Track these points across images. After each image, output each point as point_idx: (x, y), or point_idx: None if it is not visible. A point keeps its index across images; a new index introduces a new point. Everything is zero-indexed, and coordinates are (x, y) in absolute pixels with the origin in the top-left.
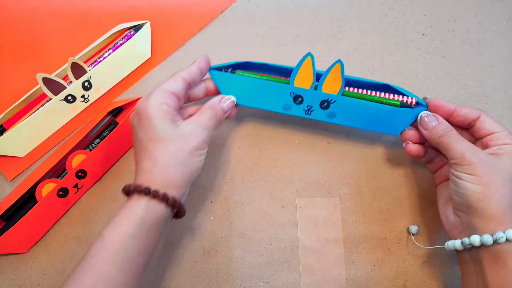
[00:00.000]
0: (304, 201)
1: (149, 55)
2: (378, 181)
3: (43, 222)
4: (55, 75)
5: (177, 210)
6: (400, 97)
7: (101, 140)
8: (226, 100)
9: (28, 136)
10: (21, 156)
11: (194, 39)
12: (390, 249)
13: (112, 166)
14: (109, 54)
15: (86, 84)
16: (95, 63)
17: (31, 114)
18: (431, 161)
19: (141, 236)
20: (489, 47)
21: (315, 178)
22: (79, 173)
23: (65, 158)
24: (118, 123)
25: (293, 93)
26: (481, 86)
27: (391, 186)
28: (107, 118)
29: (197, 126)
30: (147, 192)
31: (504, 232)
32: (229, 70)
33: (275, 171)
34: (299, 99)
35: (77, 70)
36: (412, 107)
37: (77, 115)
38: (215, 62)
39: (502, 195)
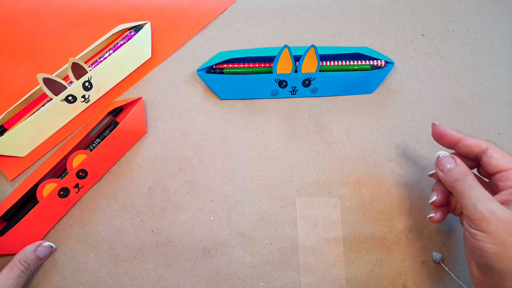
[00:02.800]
0: (304, 201)
1: (150, 55)
2: (378, 181)
3: (44, 222)
4: (55, 76)
5: None
6: (371, 62)
7: (102, 140)
8: (42, 248)
9: (28, 136)
10: (22, 156)
11: (194, 39)
12: (389, 249)
13: (113, 166)
14: (109, 55)
15: (86, 84)
16: (95, 64)
17: (32, 114)
18: (454, 208)
19: None
20: (489, 47)
21: (315, 178)
22: (80, 173)
23: (65, 158)
24: (118, 123)
25: (277, 79)
26: (481, 86)
27: (391, 186)
28: (108, 118)
29: None
30: None
31: None
32: (217, 70)
33: (275, 171)
34: (284, 83)
35: (78, 71)
36: (381, 68)
37: (77, 115)
38: None
39: None
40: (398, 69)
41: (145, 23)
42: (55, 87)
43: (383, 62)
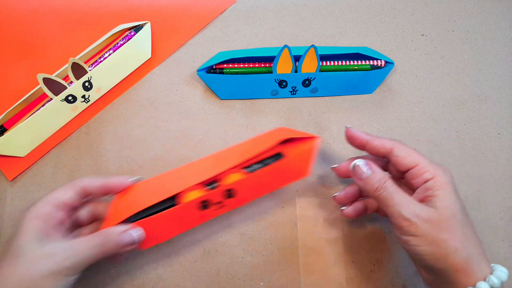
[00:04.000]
0: (304, 201)
1: (150, 55)
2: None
3: (171, 228)
4: (55, 76)
5: None
6: (371, 61)
7: (262, 166)
8: (130, 233)
9: (28, 136)
10: (22, 156)
11: (194, 39)
12: (390, 249)
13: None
14: (109, 55)
15: (86, 84)
16: (95, 64)
17: (32, 114)
18: (377, 210)
19: None
20: (489, 47)
21: (314, 177)
22: (229, 192)
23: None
24: (281, 156)
25: (277, 79)
26: (481, 86)
27: None
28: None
29: (68, 248)
30: None
31: (475, 286)
32: (217, 70)
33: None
34: (284, 83)
35: (78, 71)
36: (381, 67)
37: (77, 115)
38: None
39: (455, 247)
40: (398, 69)
41: (145, 23)
42: (55, 87)
43: (383, 62)
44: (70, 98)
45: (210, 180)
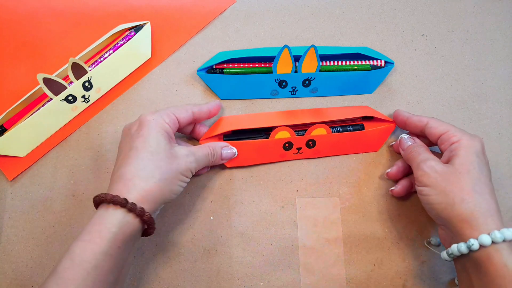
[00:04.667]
0: (304, 201)
1: (149, 55)
2: (378, 181)
3: (255, 155)
4: (55, 75)
5: (147, 227)
6: (371, 61)
7: (343, 131)
8: (228, 150)
9: (28, 136)
10: (22, 156)
11: (194, 39)
12: (389, 249)
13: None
14: (109, 55)
15: (86, 84)
16: (95, 64)
17: (32, 114)
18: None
19: (112, 253)
20: (489, 47)
21: (315, 178)
22: (310, 142)
23: (307, 125)
24: (362, 128)
25: (277, 79)
26: (481, 86)
27: (390, 185)
28: (357, 118)
29: (190, 154)
30: (123, 204)
31: (477, 238)
32: (217, 70)
33: (275, 171)
34: (284, 83)
35: (78, 70)
36: (381, 67)
37: (77, 115)
38: None
39: (462, 198)
40: (398, 69)
41: (145, 23)
42: (55, 87)
43: (383, 62)
44: (70, 98)
45: (299, 128)
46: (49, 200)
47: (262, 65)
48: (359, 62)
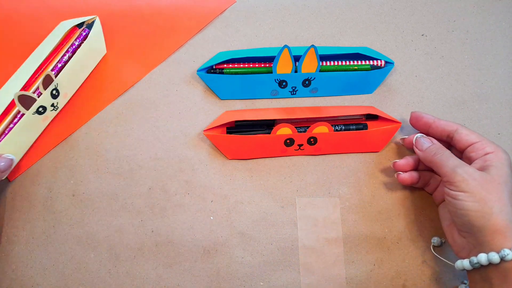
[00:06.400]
0: (304, 200)
1: (105, 51)
2: (377, 181)
3: (257, 150)
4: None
5: None
6: (371, 61)
7: (346, 129)
8: (2, 159)
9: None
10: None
11: (194, 39)
12: (389, 249)
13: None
14: (69, 58)
15: (54, 92)
16: (56, 68)
17: (3, 134)
18: (427, 184)
19: None
20: (489, 47)
21: (314, 177)
22: (311, 139)
23: (309, 120)
24: (365, 127)
25: (277, 79)
26: (481, 86)
27: (390, 185)
28: (360, 117)
29: None
30: None
31: (510, 249)
32: (217, 70)
33: (275, 171)
34: (284, 83)
35: (45, 80)
36: (381, 67)
37: (48, 125)
38: None
39: (500, 209)
40: (398, 69)
41: (94, 18)
42: (26, 102)
43: (383, 62)
44: (40, 109)
45: (302, 125)
46: (49, 200)
47: (262, 65)
48: (359, 62)
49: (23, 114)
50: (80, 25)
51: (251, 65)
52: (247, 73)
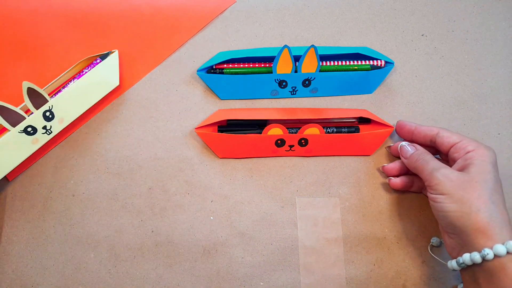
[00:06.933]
0: (304, 200)
1: (117, 83)
2: (377, 181)
3: (247, 150)
4: (20, 107)
5: None
6: (371, 61)
7: (337, 132)
8: None
9: None
10: None
11: (194, 39)
12: (389, 249)
13: (315, 156)
14: (71, 82)
15: (47, 114)
16: (58, 92)
17: None
18: (423, 187)
19: None
20: (489, 47)
21: (314, 177)
22: (302, 141)
23: (301, 121)
24: (357, 130)
25: (277, 79)
26: (481, 86)
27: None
28: (352, 120)
29: None
30: None
31: (492, 248)
32: (217, 70)
33: (275, 171)
34: (284, 83)
35: (37, 99)
36: (381, 67)
37: (40, 148)
38: None
39: (478, 208)
40: (398, 69)
41: (113, 52)
42: (12, 117)
43: (383, 62)
44: (29, 129)
45: (294, 126)
46: (49, 200)
47: (262, 65)
48: (359, 62)
49: (4, 130)
50: (104, 57)
51: (251, 65)
52: (247, 73)
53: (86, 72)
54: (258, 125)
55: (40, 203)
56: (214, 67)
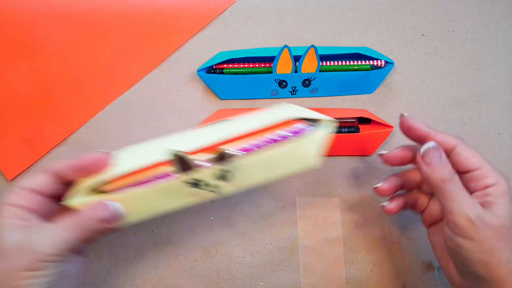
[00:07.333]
0: (304, 200)
1: (314, 164)
2: (377, 181)
3: None
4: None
5: None
6: (371, 61)
7: (337, 132)
8: (106, 207)
9: (131, 208)
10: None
11: (194, 39)
12: (389, 249)
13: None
14: (265, 144)
15: (224, 174)
16: (244, 150)
17: (141, 184)
18: (414, 206)
19: None
20: (489, 47)
21: (315, 177)
22: None
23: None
24: (357, 130)
25: (277, 79)
26: (481, 86)
27: None
28: (352, 120)
29: (44, 236)
30: None
31: None
32: (217, 70)
33: None
34: (284, 83)
35: (220, 157)
36: (381, 67)
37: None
38: None
39: (509, 257)
40: (398, 69)
41: (327, 119)
42: (183, 165)
43: (383, 62)
44: (193, 182)
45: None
46: None
47: (262, 65)
48: (359, 62)
49: (168, 175)
50: (313, 124)
51: (251, 65)
52: (247, 73)
53: (284, 137)
54: None
55: None
56: (214, 67)
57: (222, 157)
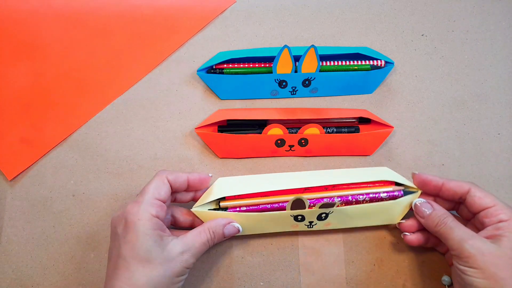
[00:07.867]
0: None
1: (395, 222)
2: None
3: (249, 149)
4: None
5: None
6: (371, 62)
7: (337, 132)
8: (231, 227)
9: (244, 224)
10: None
11: (194, 39)
12: (389, 249)
13: (313, 157)
14: (364, 200)
15: (323, 216)
16: (343, 198)
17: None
18: (438, 244)
19: None
20: (489, 47)
21: None
22: (302, 141)
23: (301, 121)
24: (357, 130)
25: (277, 79)
26: (481, 86)
27: None
28: (352, 120)
29: (186, 250)
30: None
31: None
32: (217, 70)
33: (275, 171)
34: (284, 83)
35: (326, 204)
36: (381, 67)
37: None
38: None
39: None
40: (398, 69)
41: (415, 192)
42: (300, 204)
43: (383, 62)
44: (299, 217)
45: (294, 126)
46: (49, 200)
47: (262, 65)
48: (359, 62)
49: (282, 207)
50: (406, 192)
51: (251, 65)
52: (247, 73)
53: (380, 198)
54: (258, 125)
55: (40, 203)
56: (214, 67)
57: (329, 204)
